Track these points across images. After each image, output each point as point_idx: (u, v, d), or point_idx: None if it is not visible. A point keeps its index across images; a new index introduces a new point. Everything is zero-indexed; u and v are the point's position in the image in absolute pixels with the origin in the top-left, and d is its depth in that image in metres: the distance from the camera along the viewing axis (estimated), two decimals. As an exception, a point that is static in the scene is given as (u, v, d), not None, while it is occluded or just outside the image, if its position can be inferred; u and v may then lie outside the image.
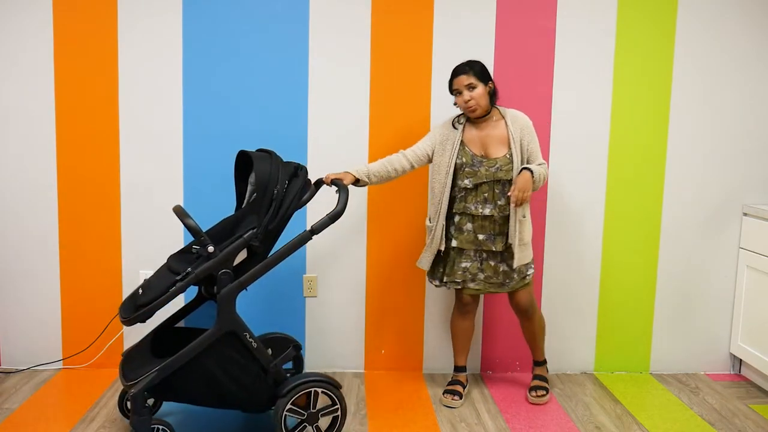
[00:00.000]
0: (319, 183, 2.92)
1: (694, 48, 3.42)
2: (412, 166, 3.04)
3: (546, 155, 3.42)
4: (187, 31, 3.29)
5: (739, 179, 3.51)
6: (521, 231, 2.98)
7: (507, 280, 3.05)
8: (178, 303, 3.03)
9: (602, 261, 3.51)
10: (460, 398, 3.14)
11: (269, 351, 2.67)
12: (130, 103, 3.31)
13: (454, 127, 3.03)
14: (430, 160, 3.06)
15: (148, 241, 3.39)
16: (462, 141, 2.99)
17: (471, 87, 2.90)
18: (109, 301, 3.40)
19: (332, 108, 3.35)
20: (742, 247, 3.51)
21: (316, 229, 2.68)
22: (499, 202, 2.97)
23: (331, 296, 3.47)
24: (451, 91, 2.98)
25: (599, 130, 3.44)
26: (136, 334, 3.41)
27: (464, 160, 2.97)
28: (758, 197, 3.53)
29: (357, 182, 2.95)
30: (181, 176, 3.36)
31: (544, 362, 3.32)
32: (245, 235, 2.55)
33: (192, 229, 2.49)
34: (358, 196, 3.37)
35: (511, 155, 2.94)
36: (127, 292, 3.40)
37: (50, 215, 3.35)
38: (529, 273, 3.08)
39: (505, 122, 2.98)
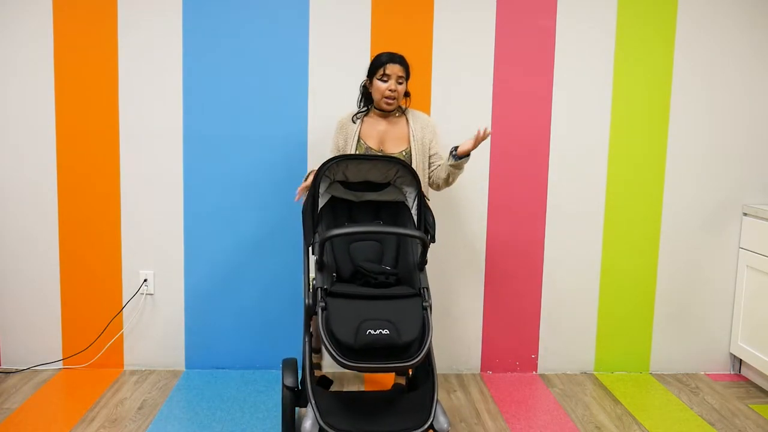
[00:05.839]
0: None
1: (693, 48, 3.42)
2: None
3: (545, 154, 3.42)
4: (187, 31, 3.29)
5: (739, 179, 3.51)
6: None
7: None
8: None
9: (602, 261, 3.51)
10: None
11: None
12: (130, 102, 3.31)
13: (353, 122, 3.01)
14: None
15: (148, 241, 3.38)
16: (359, 135, 2.99)
17: (400, 80, 2.89)
18: (109, 301, 3.40)
19: (332, 108, 3.34)
20: (742, 247, 3.51)
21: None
22: None
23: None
24: (377, 73, 2.90)
25: (599, 130, 3.43)
26: (136, 335, 3.41)
27: (359, 152, 2.96)
28: (758, 197, 3.53)
29: None
30: (181, 176, 3.36)
31: None
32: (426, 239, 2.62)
33: (424, 241, 2.52)
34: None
35: (409, 151, 2.95)
36: (127, 291, 3.40)
37: (50, 215, 3.35)
38: None
39: (407, 119, 2.99)
